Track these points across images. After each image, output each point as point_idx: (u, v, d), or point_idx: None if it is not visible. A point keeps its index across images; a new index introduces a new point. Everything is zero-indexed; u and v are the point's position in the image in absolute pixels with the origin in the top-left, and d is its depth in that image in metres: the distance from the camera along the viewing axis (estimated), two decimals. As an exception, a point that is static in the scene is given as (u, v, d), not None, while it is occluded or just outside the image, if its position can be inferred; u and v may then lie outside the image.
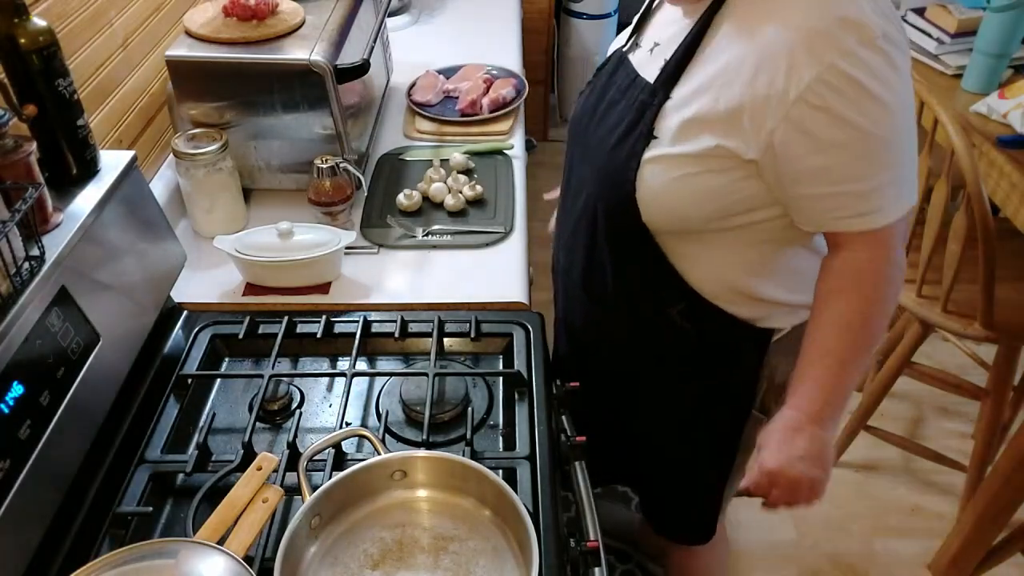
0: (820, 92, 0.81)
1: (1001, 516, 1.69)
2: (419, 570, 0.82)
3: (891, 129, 0.84)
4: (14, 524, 0.77)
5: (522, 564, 0.80)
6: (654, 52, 0.98)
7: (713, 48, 0.89)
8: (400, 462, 0.88)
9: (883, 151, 0.84)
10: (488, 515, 0.86)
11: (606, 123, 1.01)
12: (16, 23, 0.92)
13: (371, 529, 0.85)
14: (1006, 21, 1.80)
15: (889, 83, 0.82)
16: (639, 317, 1.08)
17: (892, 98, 0.83)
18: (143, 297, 1.06)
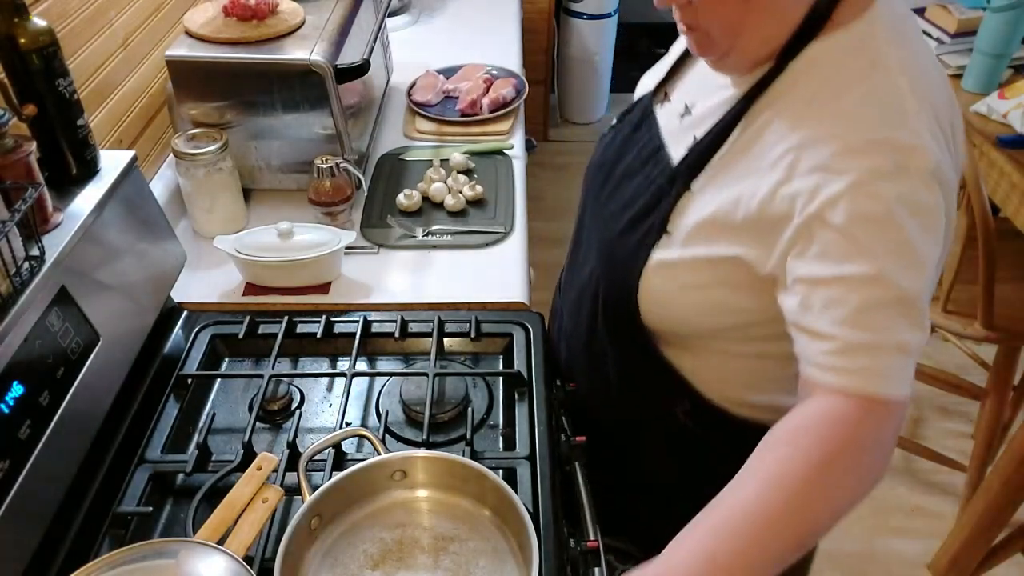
0: (844, 211, 0.68)
1: (1001, 516, 1.69)
2: (419, 570, 0.81)
3: (917, 284, 0.69)
4: (14, 524, 0.77)
5: (522, 564, 0.80)
6: (684, 121, 0.86)
7: (748, 136, 0.78)
8: (400, 462, 0.88)
9: (899, 306, 0.68)
10: (488, 515, 0.86)
11: (620, 196, 0.91)
12: (16, 23, 0.92)
13: (371, 529, 0.85)
14: (1006, 21, 1.81)
15: (928, 226, 0.69)
16: (641, 409, 0.99)
17: (926, 248, 0.69)
18: (143, 297, 1.06)
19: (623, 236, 0.88)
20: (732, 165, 0.78)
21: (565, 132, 3.48)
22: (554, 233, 2.83)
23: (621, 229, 0.89)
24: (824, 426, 0.68)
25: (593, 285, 0.95)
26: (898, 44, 0.73)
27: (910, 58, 0.73)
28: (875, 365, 0.68)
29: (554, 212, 2.98)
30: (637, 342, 0.91)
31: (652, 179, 0.87)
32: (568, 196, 3.07)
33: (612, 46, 3.35)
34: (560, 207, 3.02)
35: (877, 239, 0.68)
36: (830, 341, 0.69)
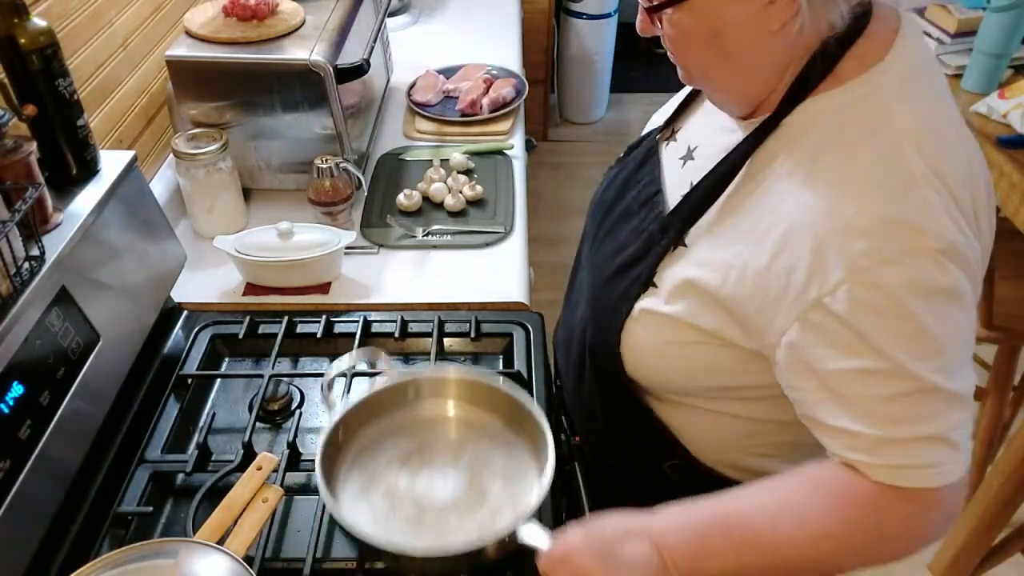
0: (845, 301, 0.64)
1: (1001, 516, 1.68)
2: (442, 466, 0.88)
3: (938, 371, 0.64)
4: (14, 524, 0.77)
5: (536, 461, 0.86)
6: (686, 166, 0.82)
7: (744, 193, 0.73)
8: (414, 382, 0.93)
9: (921, 396, 0.64)
10: (501, 423, 0.92)
11: (614, 239, 0.87)
12: (16, 23, 0.92)
13: (393, 439, 0.91)
14: (1006, 21, 1.80)
15: (944, 310, 0.63)
16: (629, 458, 0.96)
17: (943, 329, 0.63)
18: (143, 297, 1.06)
19: (610, 282, 0.85)
20: (725, 223, 0.74)
21: (565, 132, 3.48)
22: (554, 233, 2.83)
23: (609, 275, 0.86)
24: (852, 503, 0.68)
25: (581, 329, 0.92)
26: (909, 102, 0.67)
27: (922, 118, 0.67)
28: (907, 460, 0.65)
29: (554, 212, 2.99)
30: (624, 393, 0.88)
31: (646, 225, 0.83)
32: (568, 196, 3.07)
33: (612, 46, 3.35)
34: (560, 207, 3.02)
35: (884, 332, 0.63)
36: (853, 438, 0.67)
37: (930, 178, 0.64)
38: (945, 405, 0.65)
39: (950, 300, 0.64)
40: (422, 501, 0.84)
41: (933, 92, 0.70)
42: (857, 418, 0.66)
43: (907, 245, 0.62)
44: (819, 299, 0.65)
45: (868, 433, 0.66)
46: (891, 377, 0.64)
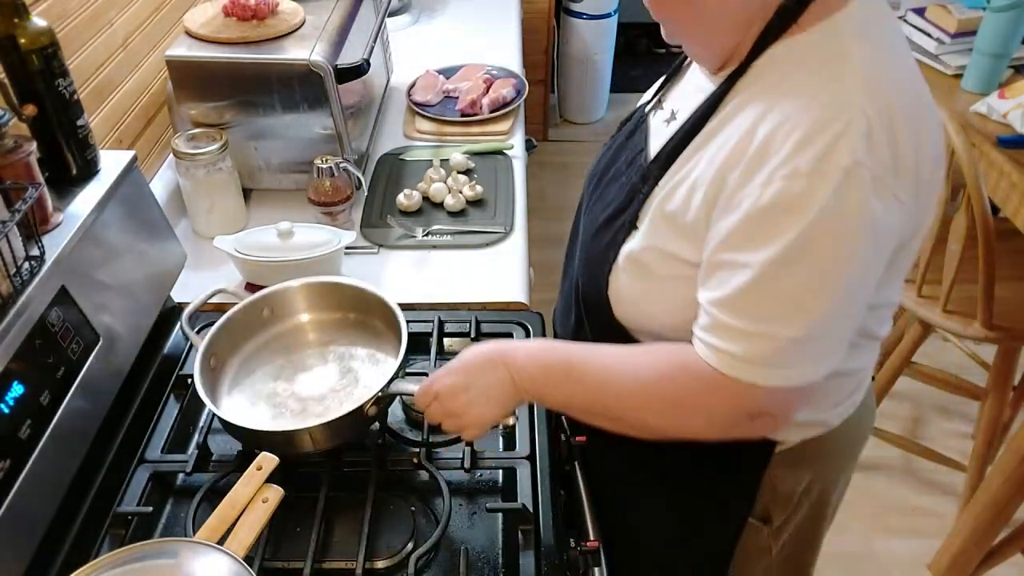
0: (749, 201, 0.70)
1: (1001, 516, 1.69)
2: (312, 367, 1.02)
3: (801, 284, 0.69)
4: (14, 524, 0.77)
5: (393, 335, 0.99)
6: (669, 126, 0.87)
7: (714, 130, 0.78)
8: (264, 300, 1.04)
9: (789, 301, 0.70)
10: (353, 316, 1.06)
11: (604, 197, 0.92)
12: (16, 23, 0.92)
13: (262, 356, 1.03)
14: (1006, 21, 1.80)
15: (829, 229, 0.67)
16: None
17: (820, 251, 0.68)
18: (143, 297, 1.06)
19: (599, 234, 0.90)
20: (692, 162, 0.79)
21: (565, 132, 3.48)
22: (554, 233, 2.82)
23: (598, 228, 0.90)
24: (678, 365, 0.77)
25: (575, 286, 0.96)
26: (867, 43, 0.71)
27: (875, 57, 0.71)
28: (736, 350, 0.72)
29: (554, 212, 2.98)
30: (616, 340, 0.89)
31: (631, 179, 0.88)
32: (568, 196, 3.07)
33: (612, 46, 3.35)
34: (560, 207, 3.02)
35: (767, 233, 0.69)
36: (705, 316, 0.75)
37: (871, 106, 0.67)
38: (797, 319, 0.70)
39: (836, 222, 0.67)
40: (303, 397, 0.97)
41: (889, 38, 0.75)
42: (715, 303, 0.74)
43: (820, 162, 0.66)
44: (733, 199, 0.71)
45: (718, 317, 0.73)
46: (757, 275, 0.70)
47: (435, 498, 0.93)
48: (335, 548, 0.88)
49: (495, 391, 0.83)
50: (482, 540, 0.90)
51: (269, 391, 0.99)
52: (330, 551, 0.87)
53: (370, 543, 0.87)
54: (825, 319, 0.71)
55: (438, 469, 0.94)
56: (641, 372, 0.79)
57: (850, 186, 0.66)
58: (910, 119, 0.70)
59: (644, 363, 0.80)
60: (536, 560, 0.86)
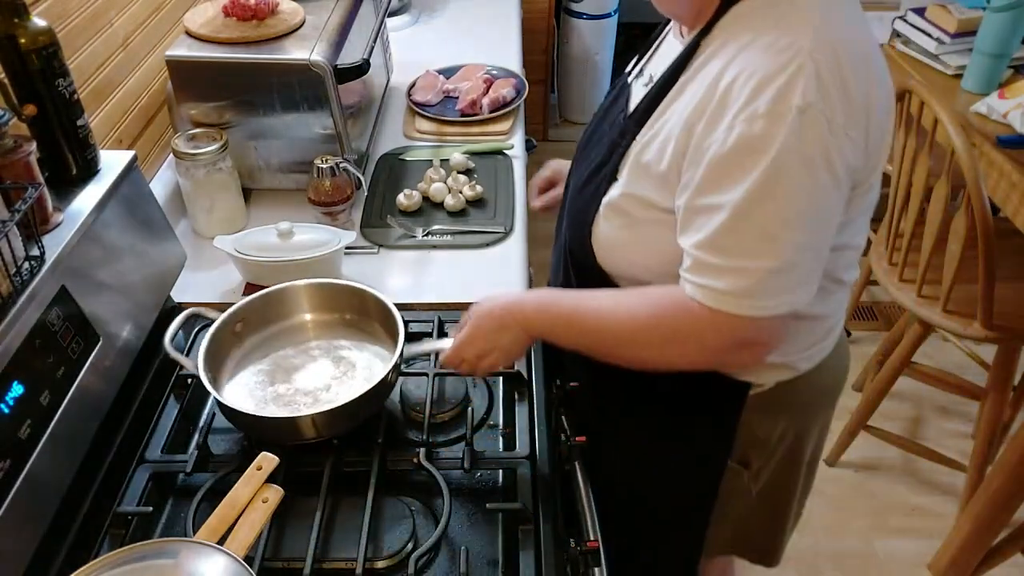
0: (715, 147, 0.76)
1: (1001, 516, 1.69)
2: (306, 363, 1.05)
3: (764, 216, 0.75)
4: (14, 524, 0.77)
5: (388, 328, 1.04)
6: (647, 90, 0.92)
7: (684, 84, 0.84)
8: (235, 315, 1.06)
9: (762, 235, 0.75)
10: (349, 315, 1.10)
11: (588, 157, 0.98)
12: (16, 23, 0.92)
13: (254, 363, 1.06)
14: (1006, 21, 1.81)
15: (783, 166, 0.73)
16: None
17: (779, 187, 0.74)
18: (143, 297, 1.06)
19: (583, 189, 0.96)
20: (666, 115, 0.85)
21: (565, 132, 3.48)
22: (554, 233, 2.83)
23: (582, 184, 0.96)
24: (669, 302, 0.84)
25: (565, 245, 1.02)
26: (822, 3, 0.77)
27: (826, 9, 0.76)
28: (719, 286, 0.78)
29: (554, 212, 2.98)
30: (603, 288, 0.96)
31: (611, 137, 0.94)
32: (568, 196, 3.06)
33: (612, 46, 3.35)
34: (560, 207, 3.01)
35: (734, 175, 0.75)
36: (688, 258, 0.81)
37: (814, 51, 0.73)
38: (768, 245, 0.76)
39: (790, 160, 0.73)
40: (308, 390, 1.01)
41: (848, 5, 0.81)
42: (694, 245, 0.80)
43: (776, 105, 0.72)
44: (700, 146, 0.77)
45: (698, 257, 0.79)
46: (727, 214, 0.76)
47: (435, 498, 0.93)
48: (335, 548, 0.88)
49: (513, 347, 0.94)
50: (482, 540, 0.90)
51: (276, 395, 1.00)
52: (330, 551, 0.87)
53: (370, 543, 0.87)
54: (797, 249, 0.76)
55: (438, 469, 0.94)
56: (637, 313, 0.86)
57: (804, 124, 0.72)
58: (857, 64, 0.76)
59: (639, 304, 0.87)
60: (536, 560, 0.86)
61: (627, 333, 0.87)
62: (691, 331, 0.83)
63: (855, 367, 2.35)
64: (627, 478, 1.10)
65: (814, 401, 1.04)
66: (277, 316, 1.09)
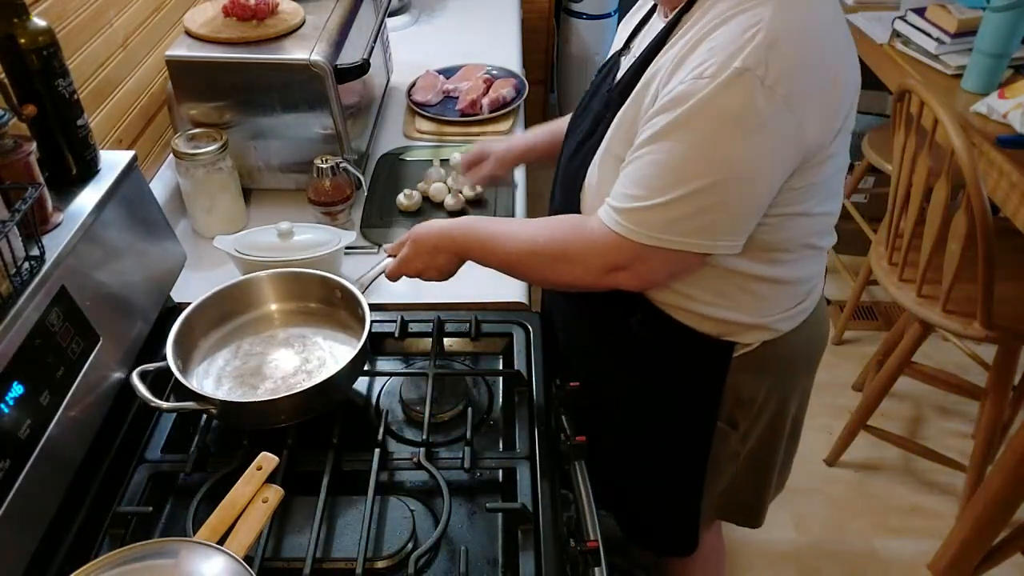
0: (666, 98, 0.82)
1: (1001, 516, 1.68)
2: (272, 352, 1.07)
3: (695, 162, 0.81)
4: (14, 524, 0.77)
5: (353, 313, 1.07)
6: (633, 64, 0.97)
7: (659, 62, 0.89)
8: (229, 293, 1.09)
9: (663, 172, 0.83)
10: (313, 304, 1.12)
11: (577, 130, 1.04)
12: (16, 23, 0.92)
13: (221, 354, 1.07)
14: (1006, 21, 1.80)
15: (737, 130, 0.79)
16: (601, 323, 1.08)
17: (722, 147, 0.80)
18: (143, 297, 1.06)
19: (572, 159, 1.02)
20: (646, 86, 0.89)
21: (565, 132, 3.48)
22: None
23: (571, 154, 1.03)
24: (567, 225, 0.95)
25: (554, 210, 1.07)
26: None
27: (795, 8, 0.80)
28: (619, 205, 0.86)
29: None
30: None
31: (597, 110, 1.00)
32: (568, 196, 3.06)
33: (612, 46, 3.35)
34: (560, 207, 3.01)
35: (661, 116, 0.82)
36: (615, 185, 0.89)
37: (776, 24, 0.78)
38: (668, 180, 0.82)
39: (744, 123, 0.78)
40: (275, 377, 1.03)
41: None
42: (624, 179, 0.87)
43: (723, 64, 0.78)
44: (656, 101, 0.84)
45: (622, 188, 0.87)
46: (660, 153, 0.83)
47: (435, 498, 0.93)
48: (335, 548, 0.88)
49: (447, 266, 1.04)
50: (482, 540, 0.90)
51: (242, 382, 1.02)
52: (330, 551, 0.87)
53: (370, 543, 0.87)
54: (699, 193, 0.82)
55: (438, 469, 0.94)
56: (537, 235, 0.95)
57: (735, 83, 0.77)
58: (818, 39, 0.81)
59: (541, 228, 0.96)
60: (536, 560, 0.86)
61: (528, 253, 0.96)
62: (578, 251, 0.92)
63: (855, 367, 2.35)
64: (621, 445, 1.16)
65: (796, 362, 1.09)
66: (244, 307, 1.11)
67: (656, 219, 0.84)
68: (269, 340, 1.09)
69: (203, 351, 1.06)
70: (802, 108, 0.80)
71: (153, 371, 0.96)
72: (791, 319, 1.02)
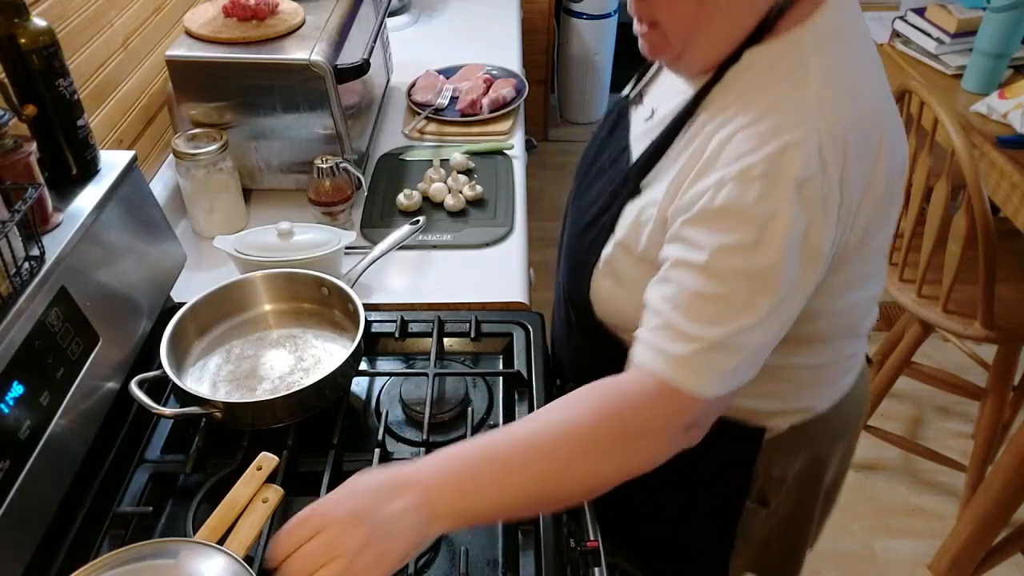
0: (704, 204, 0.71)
1: (1001, 516, 1.69)
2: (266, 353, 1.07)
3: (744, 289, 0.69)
4: (14, 524, 0.77)
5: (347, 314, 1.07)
6: (648, 124, 0.88)
7: (687, 139, 0.79)
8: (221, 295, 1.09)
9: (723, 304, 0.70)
10: (308, 304, 1.12)
11: (589, 194, 0.94)
12: (16, 23, 0.92)
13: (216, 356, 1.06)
14: (1006, 21, 1.81)
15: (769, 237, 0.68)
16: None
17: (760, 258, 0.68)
18: (143, 297, 1.06)
19: (583, 234, 0.91)
20: (669, 166, 0.79)
21: (565, 132, 3.48)
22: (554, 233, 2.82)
23: (582, 228, 0.92)
24: (613, 396, 0.72)
25: (563, 282, 1.00)
26: (825, 52, 0.72)
27: (834, 66, 0.72)
28: (684, 353, 0.70)
29: (554, 212, 2.98)
30: (601, 336, 0.93)
31: (613, 180, 0.89)
32: (568, 196, 3.07)
33: (612, 46, 3.35)
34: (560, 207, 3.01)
35: (715, 234, 0.70)
36: (655, 317, 0.73)
37: (819, 124, 0.68)
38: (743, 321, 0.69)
39: (777, 231, 0.68)
40: (272, 377, 1.02)
41: (855, 44, 0.75)
42: (667, 300, 0.72)
43: (772, 169, 0.68)
44: (690, 204, 0.73)
45: (669, 318, 0.71)
46: (703, 274, 0.70)
47: (435, 498, 0.93)
48: (335, 548, 0.88)
49: (399, 524, 0.66)
50: (482, 540, 0.90)
51: (237, 384, 1.02)
52: (330, 551, 0.87)
53: (370, 543, 0.86)
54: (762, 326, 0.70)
55: (438, 469, 0.94)
56: (578, 419, 0.71)
57: (802, 198, 0.67)
58: (865, 139, 0.71)
59: (575, 411, 0.72)
60: (536, 560, 0.86)
61: (568, 444, 0.70)
62: (639, 419, 0.71)
63: (855, 367, 2.35)
64: (646, 522, 1.07)
65: (833, 434, 1.01)
66: (236, 309, 1.10)
67: (724, 362, 0.70)
68: (260, 342, 1.09)
69: (195, 355, 1.06)
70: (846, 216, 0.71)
71: (151, 379, 0.96)
72: (829, 398, 0.94)
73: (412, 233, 1.30)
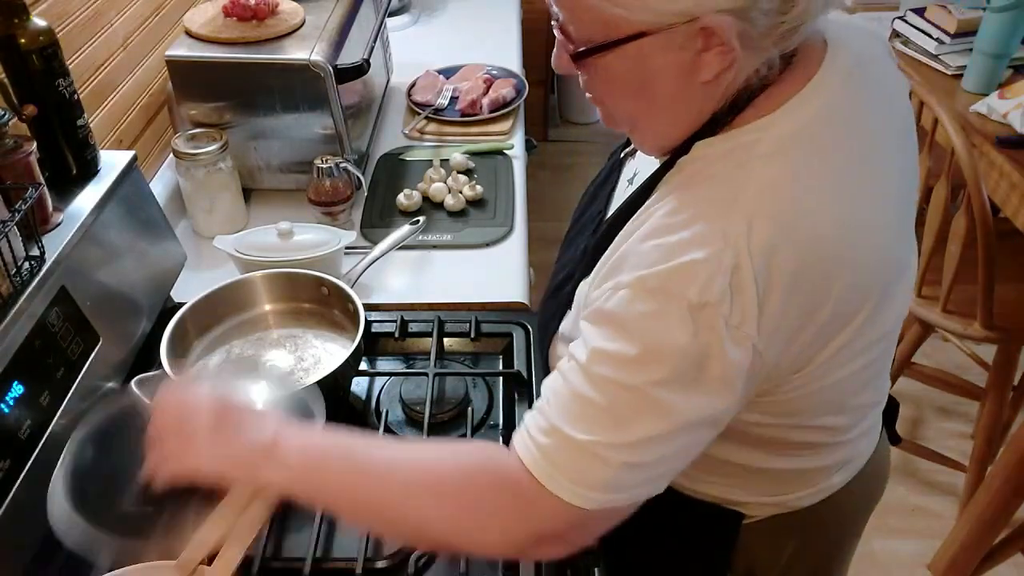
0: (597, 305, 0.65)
1: (1001, 516, 1.69)
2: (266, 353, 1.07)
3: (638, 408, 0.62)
4: (14, 524, 0.77)
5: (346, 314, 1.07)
6: (629, 188, 0.82)
7: (638, 221, 0.70)
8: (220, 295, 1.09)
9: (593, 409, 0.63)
10: (308, 305, 1.11)
11: (570, 251, 0.88)
12: (16, 23, 0.92)
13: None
14: (1006, 21, 1.81)
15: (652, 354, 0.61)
16: None
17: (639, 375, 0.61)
18: (143, 297, 1.06)
19: (551, 298, 0.87)
20: (613, 252, 0.71)
21: (565, 132, 3.48)
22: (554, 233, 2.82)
23: (552, 290, 0.87)
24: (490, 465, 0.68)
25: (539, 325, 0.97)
26: (781, 157, 0.63)
27: (782, 176, 0.62)
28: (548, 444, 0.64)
29: (554, 212, 2.98)
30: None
31: (583, 245, 0.83)
32: (568, 196, 3.06)
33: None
34: (560, 207, 3.01)
35: (599, 338, 0.64)
36: (539, 400, 0.68)
37: (742, 243, 0.60)
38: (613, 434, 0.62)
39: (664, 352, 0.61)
40: (271, 376, 1.02)
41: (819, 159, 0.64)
42: (550, 387, 0.67)
43: (666, 285, 0.61)
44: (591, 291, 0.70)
45: (544, 410, 0.66)
46: (581, 375, 0.64)
47: (435, 498, 0.93)
48: (335, 548, 0.88)
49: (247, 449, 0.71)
50: (482, 540, 0.90)
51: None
52: (330, 551, 0.87)
53: (370, 543, 0.86)
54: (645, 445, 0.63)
55: (438, 469, 0.94)
56: (443, 467, 0.69)
57: (698, 325, 0.60)
58: (806, 266, 0.61)
59: (447, 459, 0.70)
60: (536, 560, 0.86)
61: (420, 485, 0.68)
62: (498, 503, 0.66)
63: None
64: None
65: (834, 525, 0.93)
66: (235, 309, 1.10)
67: (595, 472, 0.63)
68: (260, 342, 1.09)
69: (195, 355, 1.05)
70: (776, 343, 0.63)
71: (151, 379, 0.95)
72: (807, 498, 0.85)
73: (412, 233, 1.30)
